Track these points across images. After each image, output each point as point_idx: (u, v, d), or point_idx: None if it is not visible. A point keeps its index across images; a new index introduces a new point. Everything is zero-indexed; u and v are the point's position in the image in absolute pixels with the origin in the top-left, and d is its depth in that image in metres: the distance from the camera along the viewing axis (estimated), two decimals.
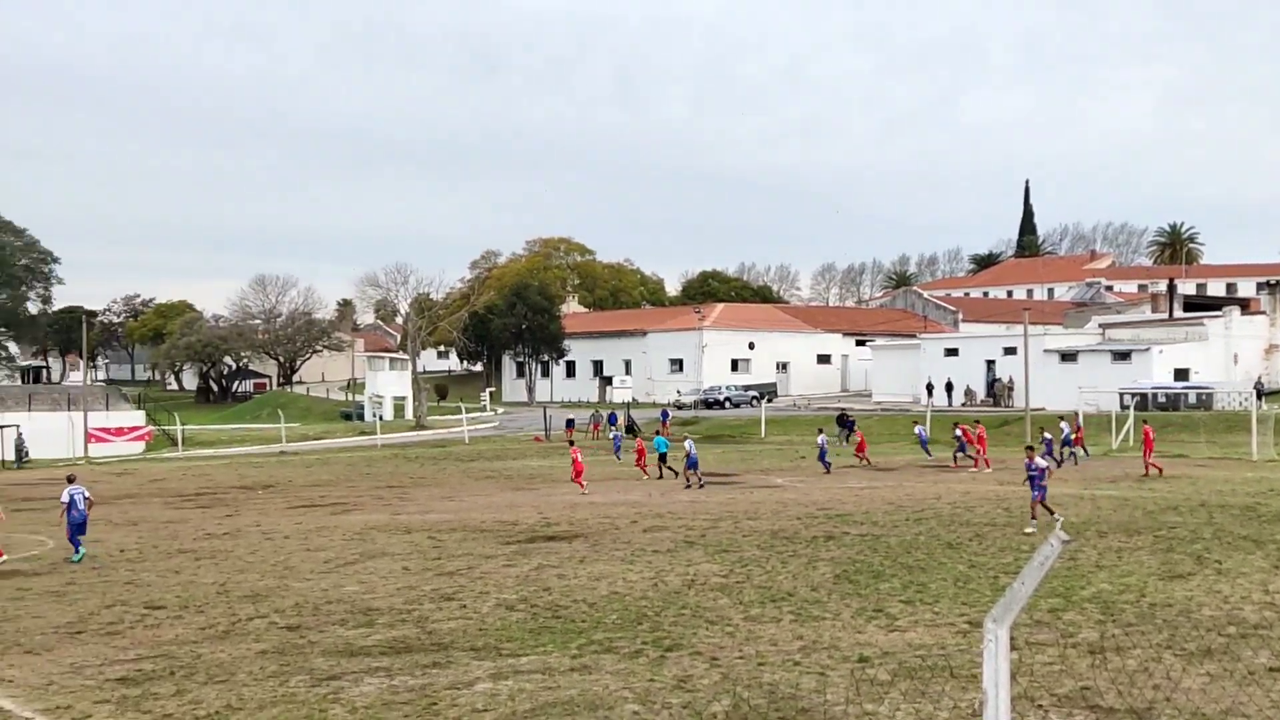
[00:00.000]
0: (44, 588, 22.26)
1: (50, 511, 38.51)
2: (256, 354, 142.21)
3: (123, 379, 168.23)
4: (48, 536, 31.13)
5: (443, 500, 38.99)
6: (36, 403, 78.79)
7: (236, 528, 32.12)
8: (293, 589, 21.28)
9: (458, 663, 15.04)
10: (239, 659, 15.57)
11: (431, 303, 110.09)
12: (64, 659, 15.88)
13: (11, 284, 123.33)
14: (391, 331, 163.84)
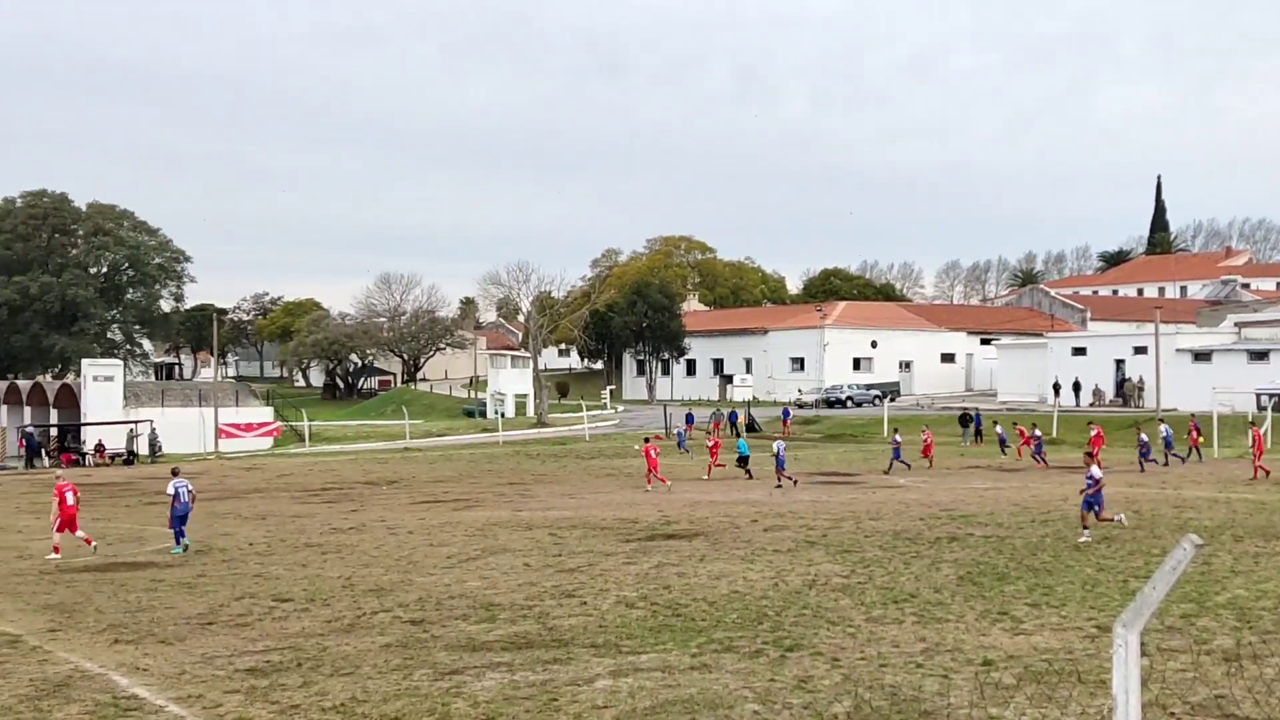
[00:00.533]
0: (177, 579, 22.79)
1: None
2: (381, 351, 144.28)
3: (252, 376, 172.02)
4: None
5: (563, 497, 39.21)
6: (169, 399, 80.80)
7: (362, 523, 32.62)
8: (416, 584, 21.54)
9: (578, 659, 15.08)
10: (364, 652, 15.78)
11: (553, 301, 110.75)
12: (195, 649, 16.23)
13: (146, 283, 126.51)
14: (513, 329, 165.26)
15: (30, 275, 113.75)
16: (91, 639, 17.10)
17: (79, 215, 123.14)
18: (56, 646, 16.55)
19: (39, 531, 32.38)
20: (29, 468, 65.74)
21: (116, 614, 19.05)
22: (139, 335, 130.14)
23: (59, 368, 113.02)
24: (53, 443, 73.43)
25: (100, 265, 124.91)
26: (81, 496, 35.61)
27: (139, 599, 20.47)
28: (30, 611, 19.51)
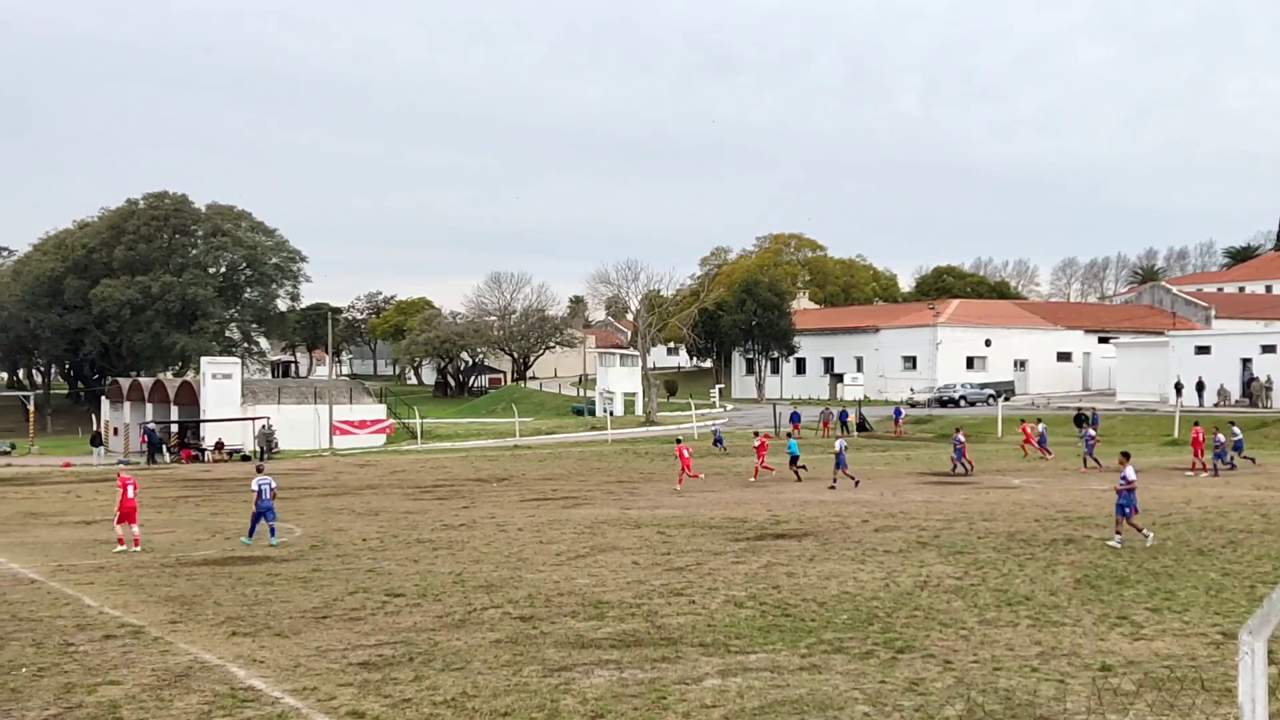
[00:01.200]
0: (292, 574, 23.15)
1: (298, 500, 40.21)
2: (492, 350, 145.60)
3: (365, 373, 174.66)
4: (295, 525, 32.44)
5: (672, 495, 39.19)
6: (285, 396, 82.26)
7: (472, 519, 32.89)
8: (526, 580, 21.65)
9: (686, 658, 15.04)
10: (474, 647, 15.89)
11: (662, 299, 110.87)
12: (310, 642, 16.46)
13: (263, 282, 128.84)
14: (622, 328, 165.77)
15: (152, 275, 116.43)
16: (210, 631, 17.43)
17: (199, 216, 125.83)
18: (177, 638, 16.89)
19: (160, 525, 33.11)
20: (150, 463, 67.30)
21: (234, 607, 19.40)
22: (256, 334, 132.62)
23: (179, 365, 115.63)
24: (173, 438, 75.11)
25: (219, 265, 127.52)
26: (201, 492, 36.37)
27: (256, 592, 20.83)
28: (152, 603, 19.94)
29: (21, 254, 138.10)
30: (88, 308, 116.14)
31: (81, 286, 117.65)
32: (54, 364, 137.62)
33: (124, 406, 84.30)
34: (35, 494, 45.81)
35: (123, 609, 19.32)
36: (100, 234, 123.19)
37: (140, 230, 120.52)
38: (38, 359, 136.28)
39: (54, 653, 15.98)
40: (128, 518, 27.44)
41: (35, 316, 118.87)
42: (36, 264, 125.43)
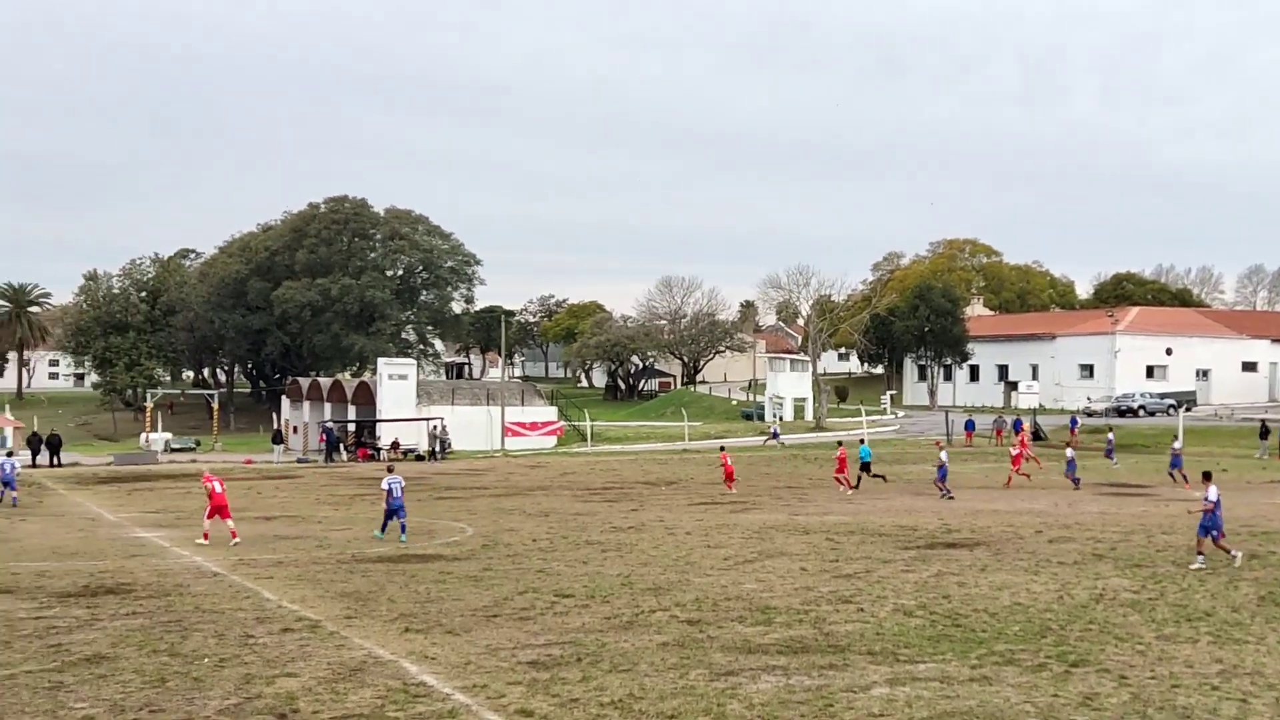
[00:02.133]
0: (464, 572, 23.53)
1: (470, 500, 40.88)
2: (662, 353, 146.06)
3: (537, 376, 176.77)
4: (467, 524, 32.95)
5: (841, 502, 38.85)
6: (459, 397, 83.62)
7: (641, 522, 33.03)
8: (693, 584, 21.66)
9: (854, 665, 14.88)
10: (641, 649, 15.94)
11: (833, 304, 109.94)
12: (480, 640, 16.70)
13: (438, 285, 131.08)
14: (793, 333, 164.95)
15: (332, 278, 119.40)
16: (384, 627, 17.80)
17: (377, 220, 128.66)
18: (352, 632, 17.29)
19: (338, 522, 33.97)
20: (328, 461, 69.05)
21: (407, 603, 19.78)
22: (431, 335, 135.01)
23: (357, 366, 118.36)
24: (350, 438, 76.93)
25: (396, 268, 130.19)
26: (376, 491, 37.13)
27: (428, 590, 21.21)
28: (328, 598, 20.45)
29: (208, 256, 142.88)
30: (270, 309, 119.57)
31: (264, 288, 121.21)
32: (237, 363, 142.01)
33: (303, 405, 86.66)
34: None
35: (300, 603, 19.85)
36: (282, 237, 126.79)
37: (321, 233, 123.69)
38: (222, 358, 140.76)
39: (235, 644, 16.49)
40: (219, 513, 28.51)
41: (220, 317, 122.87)
42: (222, 266, 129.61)
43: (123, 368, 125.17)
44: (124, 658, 15.65)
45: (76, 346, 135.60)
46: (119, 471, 60.60)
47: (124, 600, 20.33)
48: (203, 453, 78.59)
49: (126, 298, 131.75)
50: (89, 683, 14.30)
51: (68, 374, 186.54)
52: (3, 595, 21.04)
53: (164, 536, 30.71)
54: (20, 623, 18.26)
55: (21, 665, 15.29)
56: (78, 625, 18.03)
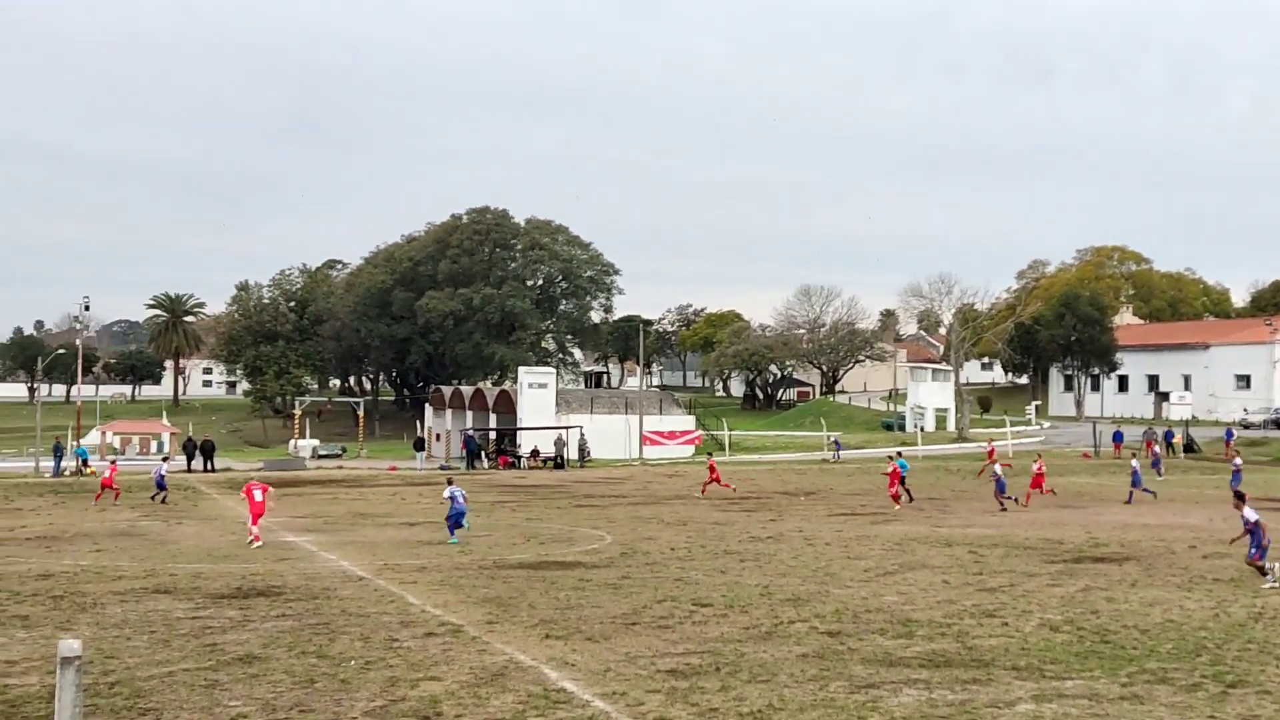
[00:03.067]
0: (603, 580, 23.64)
1: (610, 508, 41.08)
2: (800, 363, 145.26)
3: (675, 385, 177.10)
4: (606, 533, 33.11)
5: (984, 514, 38.22)
6: (597, 406, 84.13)
7: (780, 532, 32.87)
8: (833, 595, 21.49)
9: (998, 681, 14.62)
10: (780, 660, 15.86)
11: (976, 313, 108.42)
12: (619, 648, 16.77)
13: (578, 294, 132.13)
14: (934, 342, 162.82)
15: (474, 287, 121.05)
16: (525, 632, 17.97)
17: (518, 230, 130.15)
18: (493, 638, 17.49)
19: (478, 529, 34.36)
20: (469, 469, 69.92)
21: (547, 610, 19.94)
22: (570, 344, 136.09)
23: (498, 374, 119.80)
24: (491, 445, 77.83)
25: (536, 278, 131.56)
26: (517, 498, 37.52)
27: (568, 597, 21.36)
28: (470, 604, 20.71)
29: (354, 267, 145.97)
30: (413, 318, 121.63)
31: (408, 298, 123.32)
32: (382, 372, 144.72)
33: (446, 413, 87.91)
34: (364, 495, 48.27)
35: (443, 608, 20.13)
36: (426, 248, 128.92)
37: (463, 244, 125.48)
38: (367, 367, 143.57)
39: (380, 647, 16.78)
40: (256, 518, 30.66)
41: (366, 326, 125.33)
42: (367, 276, 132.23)
43: (272, 376, 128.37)
44: (275, 658, 16.04)
45: (228, 355, 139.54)
46: (268, 477, 62.04)
47: (274, 602, 20.83)
48: (349, 459, 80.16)
49: (276, 307, 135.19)
50: (242, 682, 14.68)
51: (220, 382, 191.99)
52: (162, 595, 21.71)
53: (311, 541, 31.40)
54: (178, 622, 18.82)
55: (179, 663, 15.76)
56: (231, 626, 18.52)
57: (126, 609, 20.14)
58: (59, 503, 44.60)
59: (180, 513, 40.17)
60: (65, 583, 23.41)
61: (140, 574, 24.69)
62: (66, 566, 26.05)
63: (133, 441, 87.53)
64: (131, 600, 21.13)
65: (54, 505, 43.55)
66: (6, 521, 37.30)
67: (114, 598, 21.39)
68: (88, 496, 46.06)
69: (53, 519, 38.22)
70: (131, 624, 18.70)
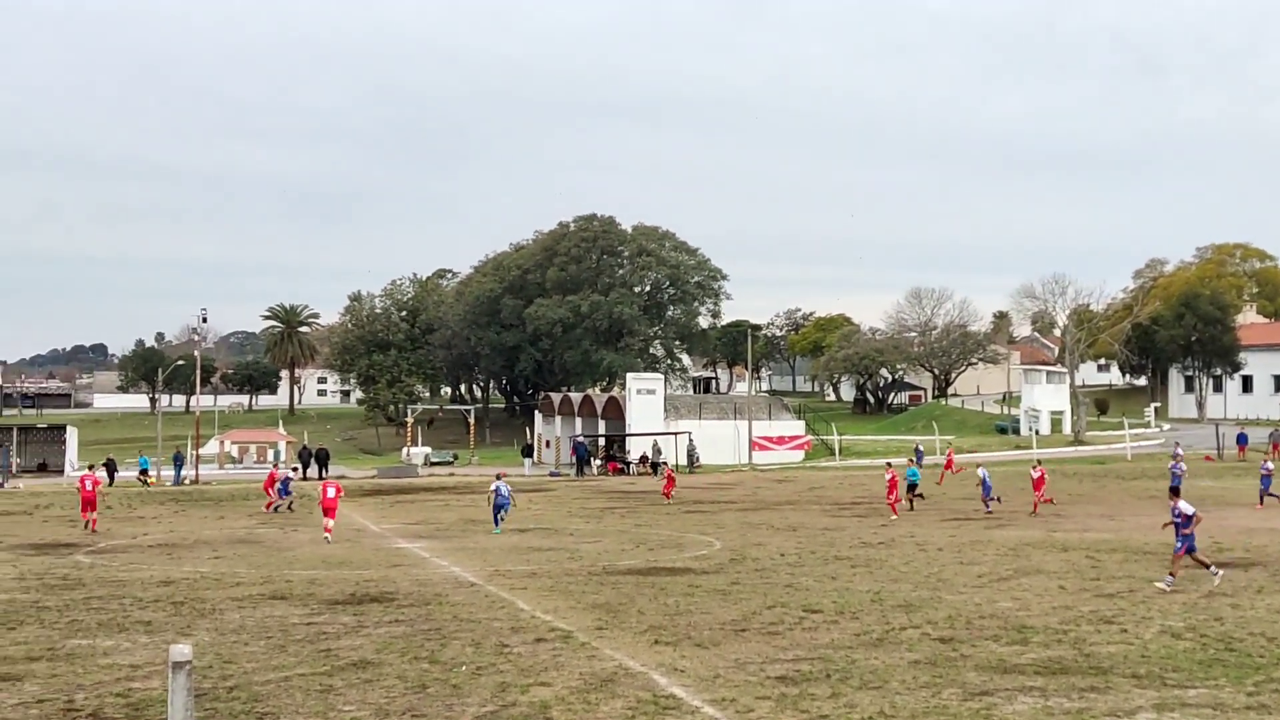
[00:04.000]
0: (712, 586, 23.57)
1: (719, 514, 40.98)
2: (912, 366, 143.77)
3: (784, 390, 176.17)
4: (715, 538, 33.03)
5: (1102, 519, 37.51)
6: (706, 411, 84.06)
7: (891, 538, 32.54)
8: (945, 601, 21.20)
9: (1117, 689, 14.30)
10: (891, 667, 15.66)
11: (1091, 314, 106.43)
12: (729, 654, 16.68)
13: (685, 300, 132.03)
14: (1049, 344, 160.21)
15: (582, 295, 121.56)
16: (634, 638, 17.95)
17: (625, 237, 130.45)
18: (603, 644, 17.49)
19: (589, 535, 34.47)
20: (579, 475, 70.24)
21: (657, 616, 19.92)
22: (678, 350, 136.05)
23: (606, 381, 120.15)
24: (600, 451, 78.11)
25: (644, 284, 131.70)
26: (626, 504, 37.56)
27: (677, 603, 21.31)
28: (580, 609, 20.75)
29: (463, 275, 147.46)
30: (523, 326, 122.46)
31: (517, 306, 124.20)
32: (492, 379, 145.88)
33: (555, 420, 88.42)
34: (475, 502, 48.60)
35: (553, 614, 20.20)
36: (534, 256, 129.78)
37: (571, 251, 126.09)
38: (478, 375, 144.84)
39: (491, 653, 16.87)
40: (329, 513, 33.79)
41: (476, 334, 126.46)
42: (477, 284, 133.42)
43: (385, 384, 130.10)
44: (388, 663, 16.20)
45: (342, 364, 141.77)
46: (382, 484, 62.93)
47: (387, 608, 21.06)
48: (460, 466, 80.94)
49: (388, 317, 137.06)
50: (356, 687, 14.84)
51: (334, 391, 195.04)
52: (278, 601, 22.06)
53: (424, 547, 31.73)
54: (294, 628, 19.10)
55: (295, 668, 15.98)
56: (345, 631, 18.75)
57: (244, 615, 20.50)
58: (179, 510, 45.59)
59: (296, 520, 40.83)
60: (185, 589, 23.89)
61: (257, 580, 25.13)
62: (186, 573, 26.60)
63: (250, 450, 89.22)
64: (249, 606, 21.50)
65: (174, 513, 44.54)
66: (130, 529, 38.23)
67: (232, 604, 21.79)
68: (208, 505, 47.07)
69: (173, 526, 39.09)
70: (249, 630, 19.01)
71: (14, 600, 22.52)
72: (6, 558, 29.95)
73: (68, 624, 19.74)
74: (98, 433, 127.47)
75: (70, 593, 23.47)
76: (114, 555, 30.55)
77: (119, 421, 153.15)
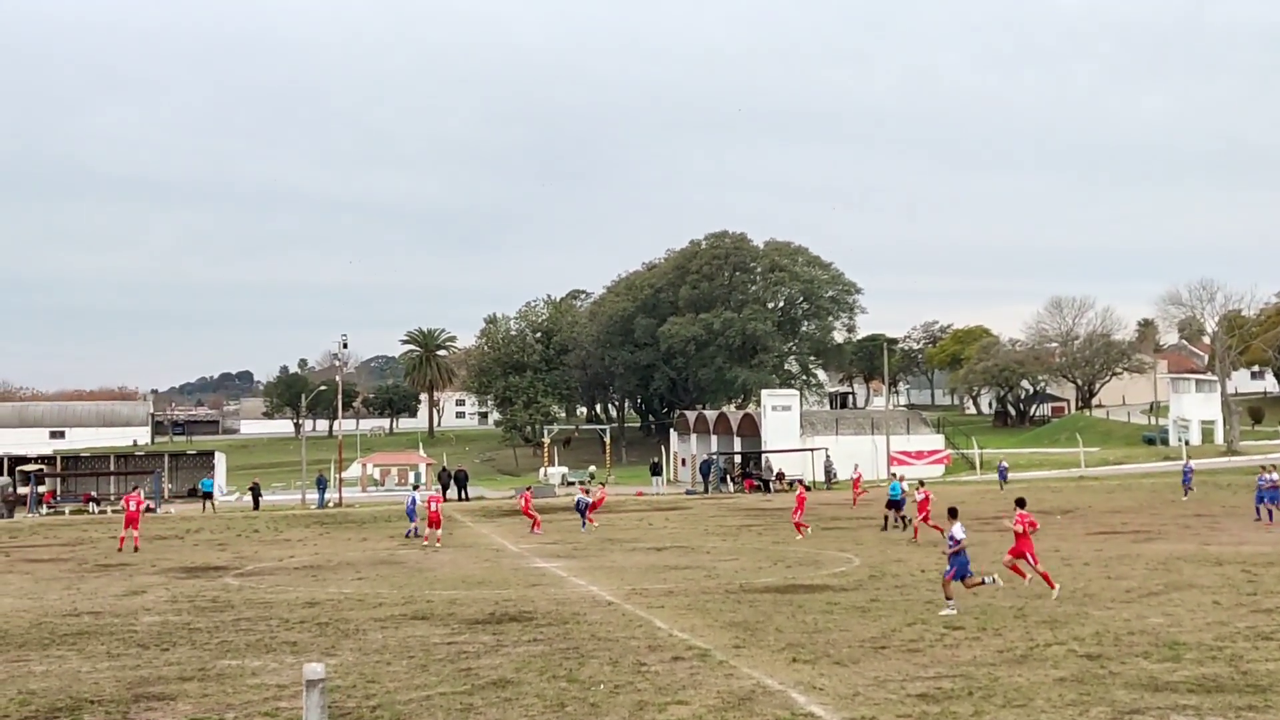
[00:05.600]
0: (850, 603, 23.31)
1: (857, 530, 40.56)
2: (1053, 377, 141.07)
3: (922, 403, 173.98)
4: (854, 555, 32.69)
5: (1258, 531, 36.34)
6: (843, 426, 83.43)
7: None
8: (1092, 617, 20.70)
9: (1276, 707, 13.79)
10: (1036, 684, 15.31)
11: (1243, 320, 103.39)
12: (868, 671, 16.46)
13: (819, 315, 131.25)
14: (1197, 351, 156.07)
15: (714, 312, 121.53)
16: (772, 656, 17.81)
17: (757, 254, 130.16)
18: (740, 662, 17.38)
19: (725, 553, 34.35)
20: (705, 492, 70.21)
21: (795, 633, 19.74)
22: (814, 365, 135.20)
23: (741, 398, 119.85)
24: (736, 469, 77.92)
25: (777, 300, 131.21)
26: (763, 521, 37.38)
27: (815, 620, 21.11)
28: (717, 627, 20.66)
29: (596, 296, 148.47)
30: (656, 345, 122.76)
31: (650, 325, 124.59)
32: (627, 398, 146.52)
33: (690, 438, 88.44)
34: (612, 521, 48.83)
35: (690, 632, 20.14)
36: (666, 274, 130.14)
37: (703, 269, 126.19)
38: (613, 394, 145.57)
39: (628, 671, 16.86)
40: (434, 524, 39.53)
41: (609, 354, 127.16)
42: (610, 304, 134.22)
43: (521, 406, 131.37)
44: (526, 682, 16.28)
45: (479, 386, 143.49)
46: (518, 504, 63.42)
47: (526, 627, 21.19)
48: (596, 485, 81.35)
49: (523, 339, 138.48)
50: (495, 705, 14.93)
51: (473, 412, 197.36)
52: (419, 621, 22.34)
53: (561, 567, 31.90)
54: (435, 647, 19.31)
55: (436, 687, 16.14)
56: (485, 650, 18.90)
57: (386, 635, 20.79)
58: (324, 533, 46.48)
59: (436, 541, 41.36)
60: (330, 610, 24.32)
61: (399, 601, 25.49)
62: (331, 594, 27.09)
63: (391, 472, 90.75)
64: (391, 626, 21.80)
65: (319, 535, 45.42)
66: (276, 552, 39.09)
67: (374, 624, 22.11)
68: (351, 527, 47.95)
69: (318, 549, 39.85)
70: (391, 649, 19.27)
71: (167, 622, 23.14)
72: (159, 581, 30.83)
73: (218, 645, 20.21)
74: (245, 458, 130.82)
75: (220, 614, 24.05)
76: (261, 578, 31.26)
77: (265, 446, 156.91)
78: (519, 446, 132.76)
